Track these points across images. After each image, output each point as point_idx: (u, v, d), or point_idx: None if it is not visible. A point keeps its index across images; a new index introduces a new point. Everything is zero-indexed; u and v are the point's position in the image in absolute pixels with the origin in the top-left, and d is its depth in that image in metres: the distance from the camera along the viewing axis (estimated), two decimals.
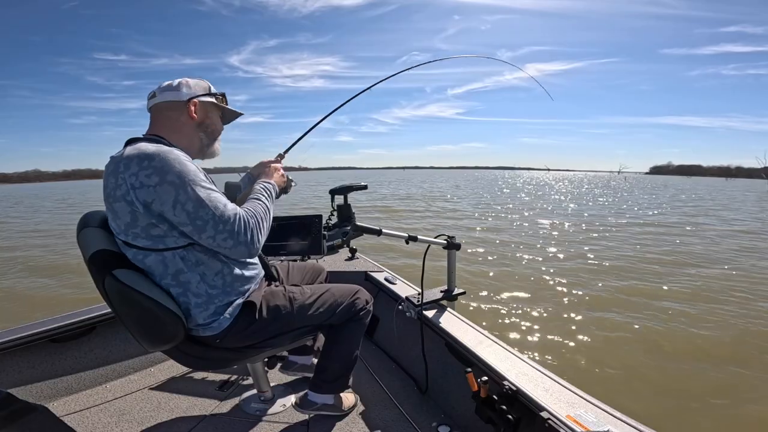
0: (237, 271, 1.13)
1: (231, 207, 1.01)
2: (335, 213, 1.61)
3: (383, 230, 1.60)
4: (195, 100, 1.13)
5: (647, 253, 7.19)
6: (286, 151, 1.55)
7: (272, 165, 1.34)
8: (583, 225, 10.85)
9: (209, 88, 1.18)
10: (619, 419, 1.01)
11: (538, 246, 7.73)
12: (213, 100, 1.17)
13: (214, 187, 1.02)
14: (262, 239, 1.05)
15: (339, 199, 1.61)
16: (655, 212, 14.82)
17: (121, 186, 0.94)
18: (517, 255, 6.94)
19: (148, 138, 1.07)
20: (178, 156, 0.98)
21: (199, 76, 1.19)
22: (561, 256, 6.88)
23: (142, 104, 1.15)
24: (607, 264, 6.31)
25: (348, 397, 1.55)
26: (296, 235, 2.21)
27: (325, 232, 1.54)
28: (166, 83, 1.13)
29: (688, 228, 10.79)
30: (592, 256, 6.81)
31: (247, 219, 1.01)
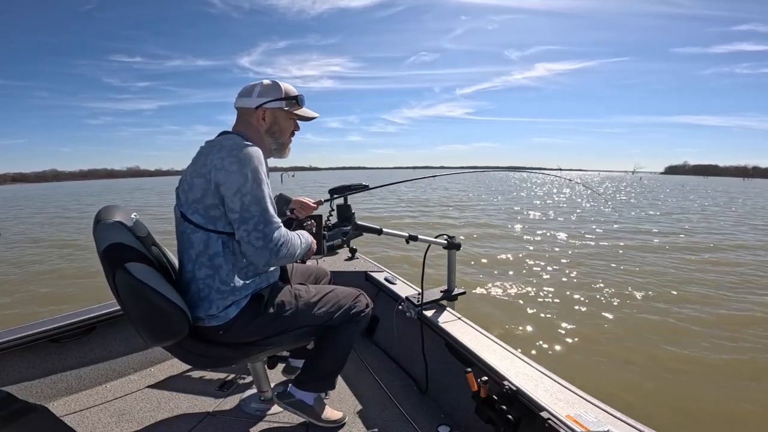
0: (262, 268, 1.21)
1: (278, 219, 1.11)
2: (333, 213, 1.60)
3: (383, 230, 1.59)
4: (264, 107, 1.20)
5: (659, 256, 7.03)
6: (326, 200, 1.67)
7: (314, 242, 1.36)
8: (593, 232, 10.64)
9: (282, 92, 1.22)
10: (619, 419, 1.00)
11: (547, 252, 7.55)
12: (281, 105, 1.22)
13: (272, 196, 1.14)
14: (284, 259, 1.12)
15: (339, 199, 1.60)
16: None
17: (207, 164, 1.08)
18: (523, 259, 6.85)
19: (236, 133, 1.20)
20: (260, 156, 1.11)
21: (276, 78, 1.22)
22: (564, 259, 6.73)
23: (157, 105, 1.19)
24: (613, 266, 6.17)
25: (333, 412, 1.46)
26: None
27: (325, 232, 1.53)
28: (245, 88, 1.22)
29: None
30: (595, 260, 6.64)
31: (285, 234, 1.11)
